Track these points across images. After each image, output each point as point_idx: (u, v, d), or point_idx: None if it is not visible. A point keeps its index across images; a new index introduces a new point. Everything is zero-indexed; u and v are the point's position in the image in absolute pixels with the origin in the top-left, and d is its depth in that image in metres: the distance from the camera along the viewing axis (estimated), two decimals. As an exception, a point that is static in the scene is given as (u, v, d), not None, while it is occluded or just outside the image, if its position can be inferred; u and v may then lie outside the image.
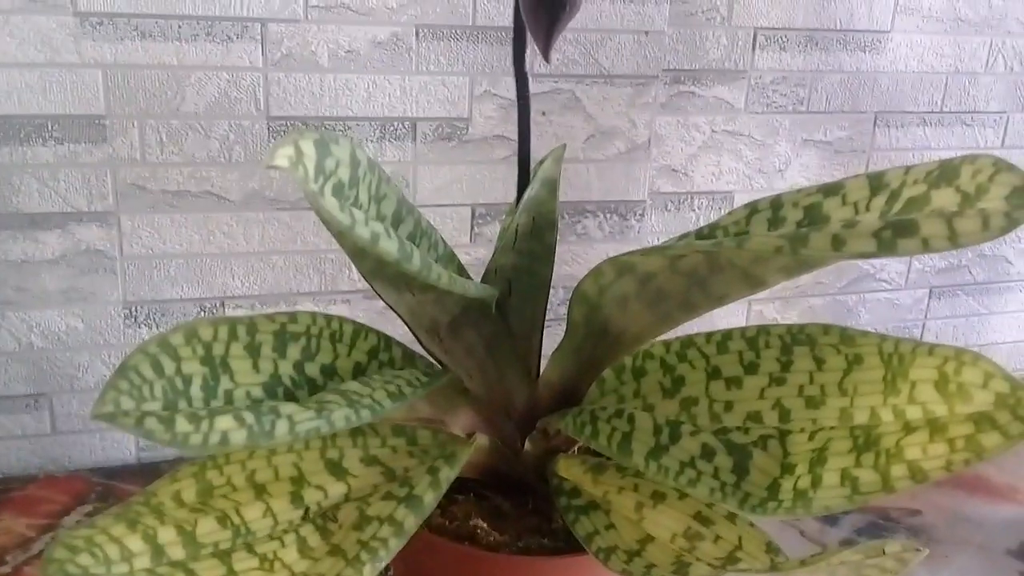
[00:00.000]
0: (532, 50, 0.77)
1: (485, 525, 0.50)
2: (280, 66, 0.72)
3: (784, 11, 0.83)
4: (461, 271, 0.51)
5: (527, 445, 0.53)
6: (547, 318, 0.52)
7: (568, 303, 0.48)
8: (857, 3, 0.85)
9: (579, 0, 0.36)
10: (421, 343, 0.50)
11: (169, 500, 0.42)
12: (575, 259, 0.84)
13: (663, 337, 0.49)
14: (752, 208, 0.44)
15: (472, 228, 0.80)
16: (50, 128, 0.68)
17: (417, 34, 0.74)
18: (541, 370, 0.53)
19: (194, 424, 0.35)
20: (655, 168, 0.84)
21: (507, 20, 0.75)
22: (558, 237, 0.51)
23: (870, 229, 0.34)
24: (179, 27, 0.69)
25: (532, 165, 0.51)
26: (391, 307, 0.47)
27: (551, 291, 0.52)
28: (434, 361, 0.52)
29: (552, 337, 0.51)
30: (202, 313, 0.76)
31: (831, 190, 0.41)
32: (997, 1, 0.90)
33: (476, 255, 0.81)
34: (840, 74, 0.87)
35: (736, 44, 0.83)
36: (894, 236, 0.33)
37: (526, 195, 0.50)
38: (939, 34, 0.89)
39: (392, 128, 0.76)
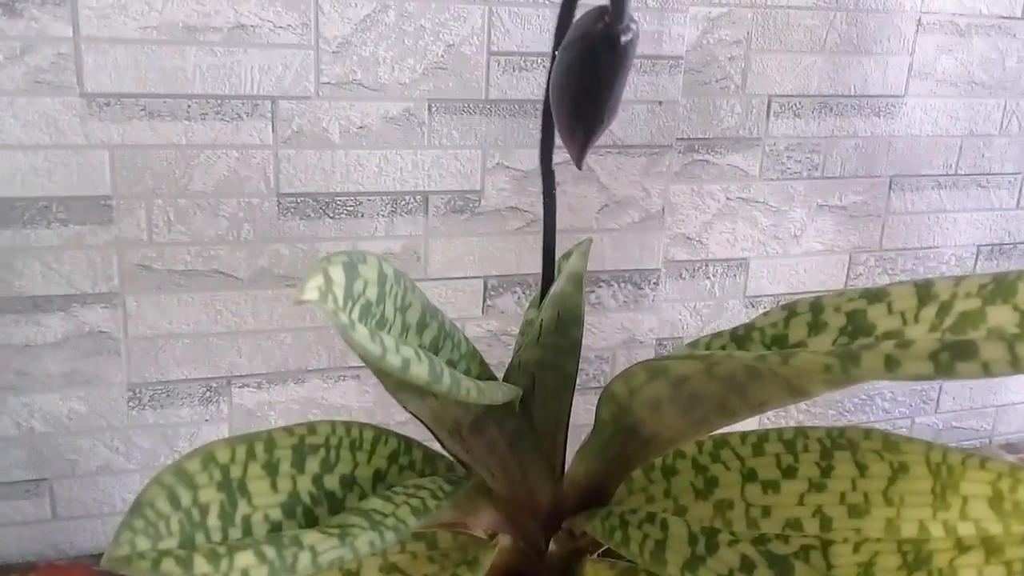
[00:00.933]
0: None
1: (511, 636, 0.48)
2: (291, 143, 0.70)
3: (798, 78, 0.83)
4: (483, 367, 0.50)
5: (552, 546, 0.51)
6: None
7: (596, 402, 0.46)
8: (871, 68, 0.84)
9: (615, 111, 0.35)
10: (442, 444, 0.49)
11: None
12: (589, 329, 0.82)
13: (694, 437, 0.47)
14: (790, 310, 0.42)
15: (484, 300, 0.79)
16: (55, 210, 0.67)
17: (430, 108, 0.73)
18: (566, 467, 0.51)
19: (213, 564, 0.33)
20: (669, 236, 0.83)
21: (520, 94, 0.74)
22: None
23: (926, 351, 0.32)
24: (188, 107, 0.67)
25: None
26: (413, 414, 0.45)
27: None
28: (455, 460, 0.50)
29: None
30: (208, 393, 0.74)
31: (875, 296, 0.39)
32: (1011, 63, 0.89)
33: (488, 327, 0.79)
34: (855, 139, 0.86)
35: (750, 112, 0.82)
36: (952, 359, 0.32)
37: (552, 290, 0.48)
38: (953, 97, 0.88)
39: (404, 202, 0.74)
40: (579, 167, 0.38)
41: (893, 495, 0.41)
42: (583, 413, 0.49)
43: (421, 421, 0.47)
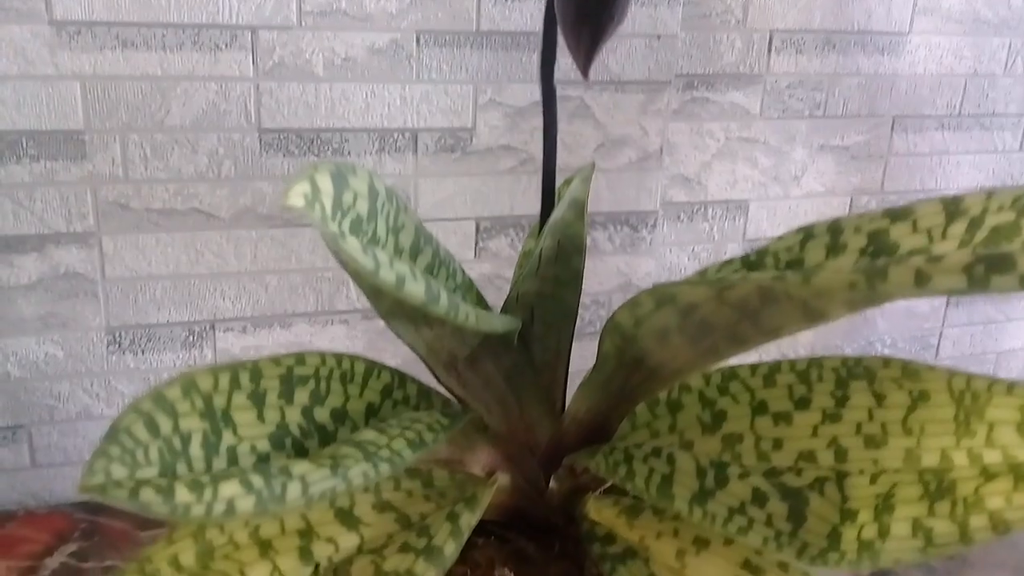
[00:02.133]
0: (536, 56, 0.73)
1: (512, 575, 0.46)
2: (272, 75, 0.67)
3: (801, 13, 0.80)
4: (479, 300, 0.47)
5: (552, 484, 0.49)
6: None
7: (600, 333, 0.44)
8: (875, 4, 0.82)
9: (626, 9, 0.32)
10: (437, 378, 0.46)
11: (165, 566, 0.38)
12: (584, 272, 0.80)
13: (701, 369, 0.45)
14: (807, 233, 0.40)
15: (476, 243, 0.76)
16: (25, 145, 0.63)
17: (418, 40, 0.69)
18: (566, 403, 0.49)
19: (196, 493, 0.31)
20: (667, 177, 0.81)
21: (513, 25, 0.71)
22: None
23: (960, 263, 0.30)
24: (163, 36, 0.64)
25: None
26: (407, 344, 0.42)
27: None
28: (451, 396, 0.48)
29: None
30: (191, 338, 0.71)
31: (899, 215, 0.37)
32: (1017, 1, 0.86)
33: (481, 271, 0.77)
34: (857, 77, 0.84)
35: (751, 47, 0.79)
36: (987, 272, 0.30)
37: (552, 217, 0.45)
38: (958, 35, 0.86)
39: (392, 140, 0.71)
40: (585, 75, 0.35)
41: (913, 424, 0.39)
42: (579, 359, 0.47)
43: (416, 353, 0.44)
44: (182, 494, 0.30)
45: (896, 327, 0.95)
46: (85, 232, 0.66)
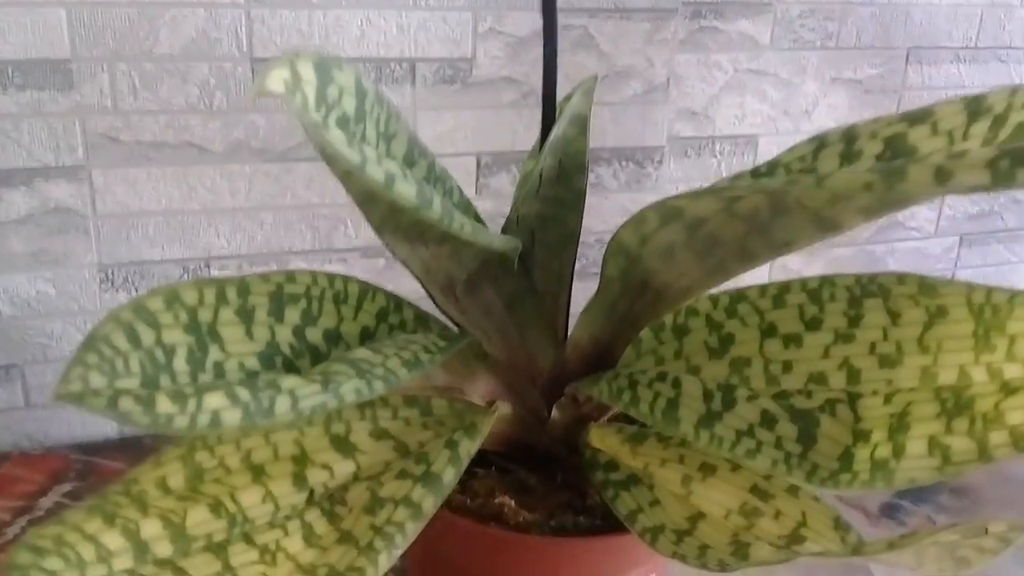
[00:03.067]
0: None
1: (513, 503, 0.45)
2: (264, 1, 0.65)
3: (813, -64, 0.77)
4: (479, 221, 0.46)
5: (554, 413, 0.48)
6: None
7: (603, 255, 0.42)
8: (890, -73, 0.79)
9: None
10: (436, 303, 0.45)
11: (153, 488, 0.37)
12: (588, 210, 0.77)
13: (709, 292, 0.43)
14: (820, 142, 0.38)
15: (478, 179, 0.74)
16: (11, 74, 0.61)
17: (415, -37, 0.67)
18: (569, 330, 0.48)
19: (179, 403, 0.29)
20: (674, 111, 0.78)
21: (514, -53, 0.69)
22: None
23: (983, 159, 0.28)
24: (150, -43, 0.62)
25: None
26: (403, 263, 0.41)
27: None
28: (449, 323, 0.46)
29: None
30: (186, 276, 0.70)
31: (918, 118, 0.35)
32: (1038, -76, 0.83)
33: (483, 208, 0.74)
34: (871, 6, 0.81)
35: (761, -27, 0.76)
36: (1012, 166, 0.28)
37: (552, 135, 0.44)
38: (976, -39, 0.83)
39: (389, 70, 0.69)
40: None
41: (929, 341, 0.37)
42: (584, 300, 0.45)
43: (413, 274, 0.43)
44: (164, 404, 0.29)
45: (908, 268, 0.92)
46: (74, 165, 0.64)
